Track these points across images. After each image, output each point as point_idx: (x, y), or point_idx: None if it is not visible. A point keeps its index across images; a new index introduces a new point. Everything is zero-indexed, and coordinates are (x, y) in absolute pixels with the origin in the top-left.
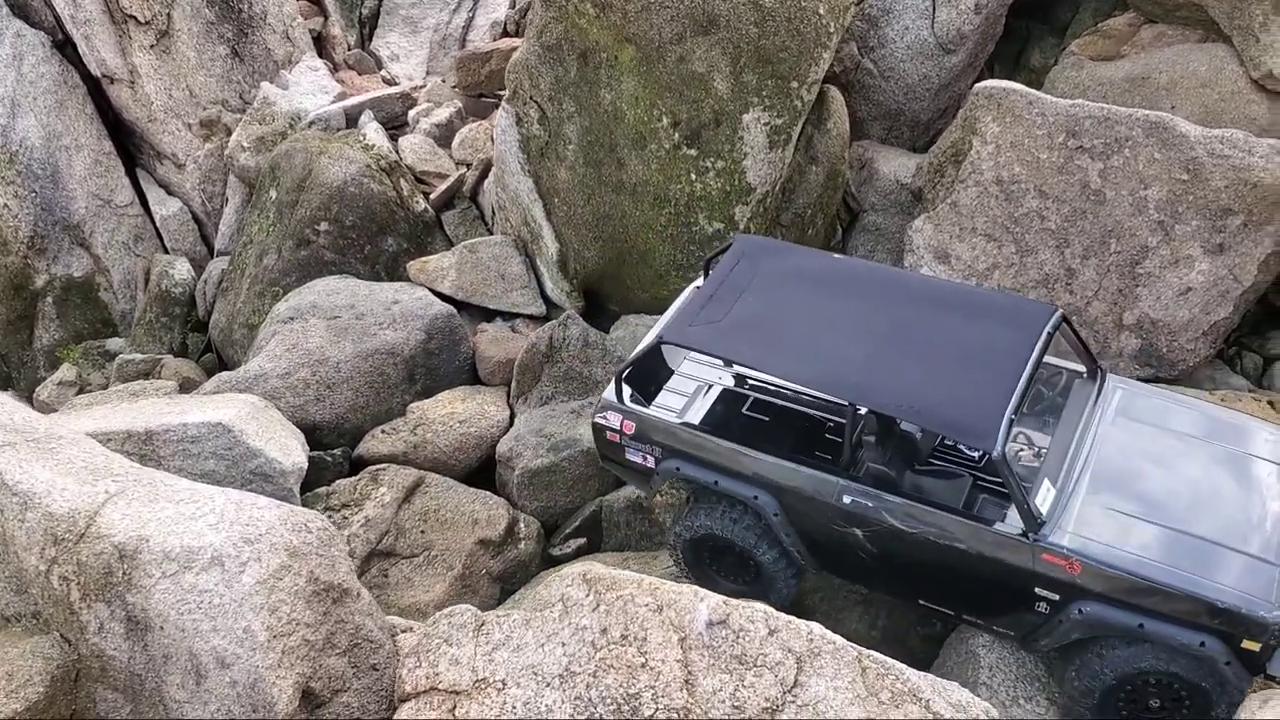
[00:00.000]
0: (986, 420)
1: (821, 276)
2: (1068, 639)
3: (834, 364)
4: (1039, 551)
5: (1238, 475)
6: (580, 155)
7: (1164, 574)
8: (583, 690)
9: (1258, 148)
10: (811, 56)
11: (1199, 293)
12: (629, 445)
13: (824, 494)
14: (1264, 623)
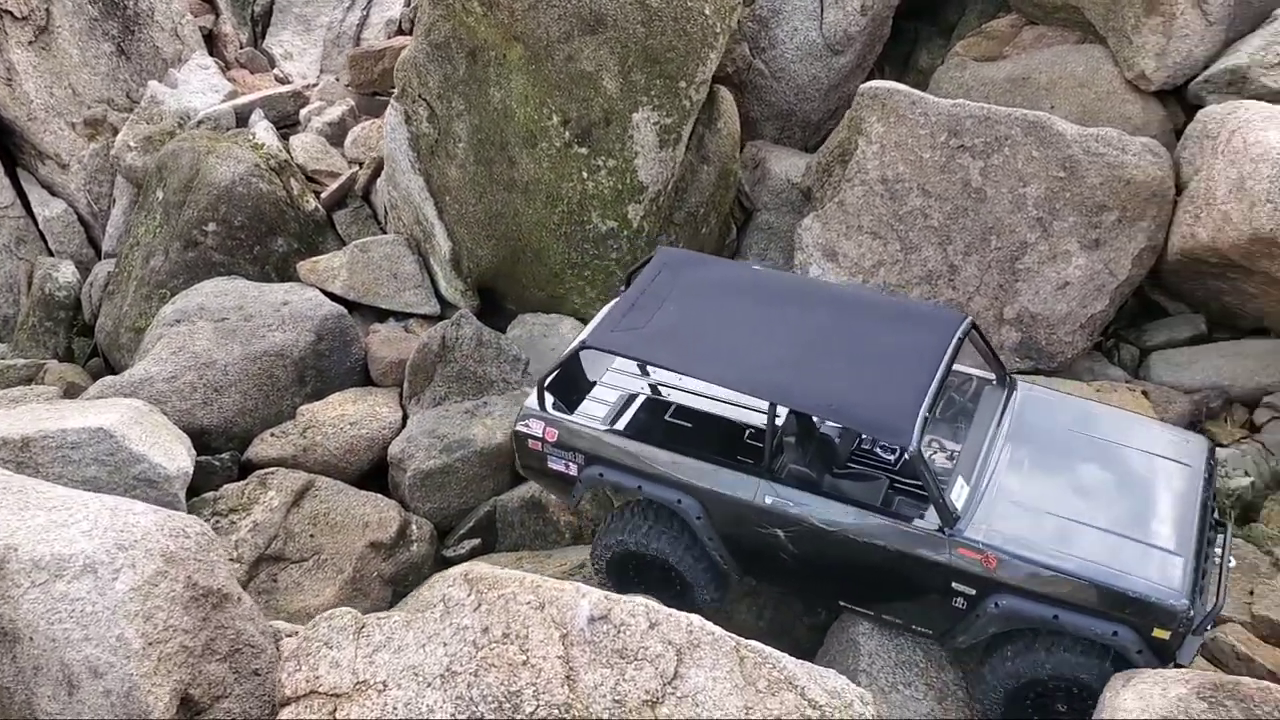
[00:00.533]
0: (902, 418)
1: (742, 286)
2: (984, 634)
3: (755, 366)
4: (955, 546)
5: (1142, 473)
6: (471, 153)
7: (1076, 566)
8: (464, 690)
9: (1131, 146)
10: (699, 56)
11: (1076, 287)
12: (551, 453)
13: (746, 495)
14: (1173, 611)
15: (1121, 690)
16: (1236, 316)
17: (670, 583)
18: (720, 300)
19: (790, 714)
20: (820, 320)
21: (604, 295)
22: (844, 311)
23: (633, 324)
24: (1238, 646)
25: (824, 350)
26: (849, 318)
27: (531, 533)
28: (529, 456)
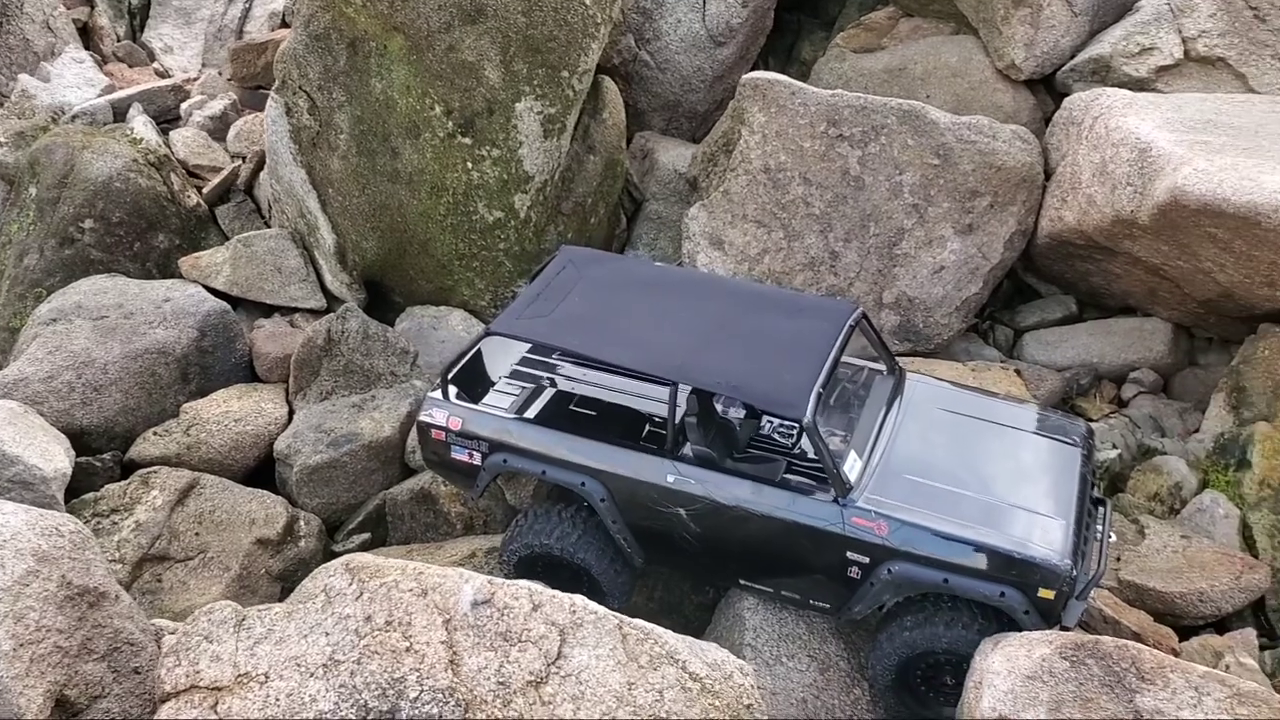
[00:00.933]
0: (796, 392)
1: (644, 281)
2: (879, 601)
3: (657, 349)
4: (849, 515)
5: (1026, 451)
6: (353, 145)
7: (965, 530)
8: (347, 678)
9: (1001, 133)
10: (580, 46)
11: (951, 270)
12: (455, 443)
13: (649, 476)
14: (1056, 571)
15: (991, 653)
16: (1104, 296)
17: (580, 582)
18: (623, 293)
19: (671, 687)
20: (719, 310)
21: (493, 286)
22: (742, 302)
23: (538, 312)
24: (1105, 610)
25: (722, 336)
26: (746, 308)
27: (423, 525)
28: (432, 447)
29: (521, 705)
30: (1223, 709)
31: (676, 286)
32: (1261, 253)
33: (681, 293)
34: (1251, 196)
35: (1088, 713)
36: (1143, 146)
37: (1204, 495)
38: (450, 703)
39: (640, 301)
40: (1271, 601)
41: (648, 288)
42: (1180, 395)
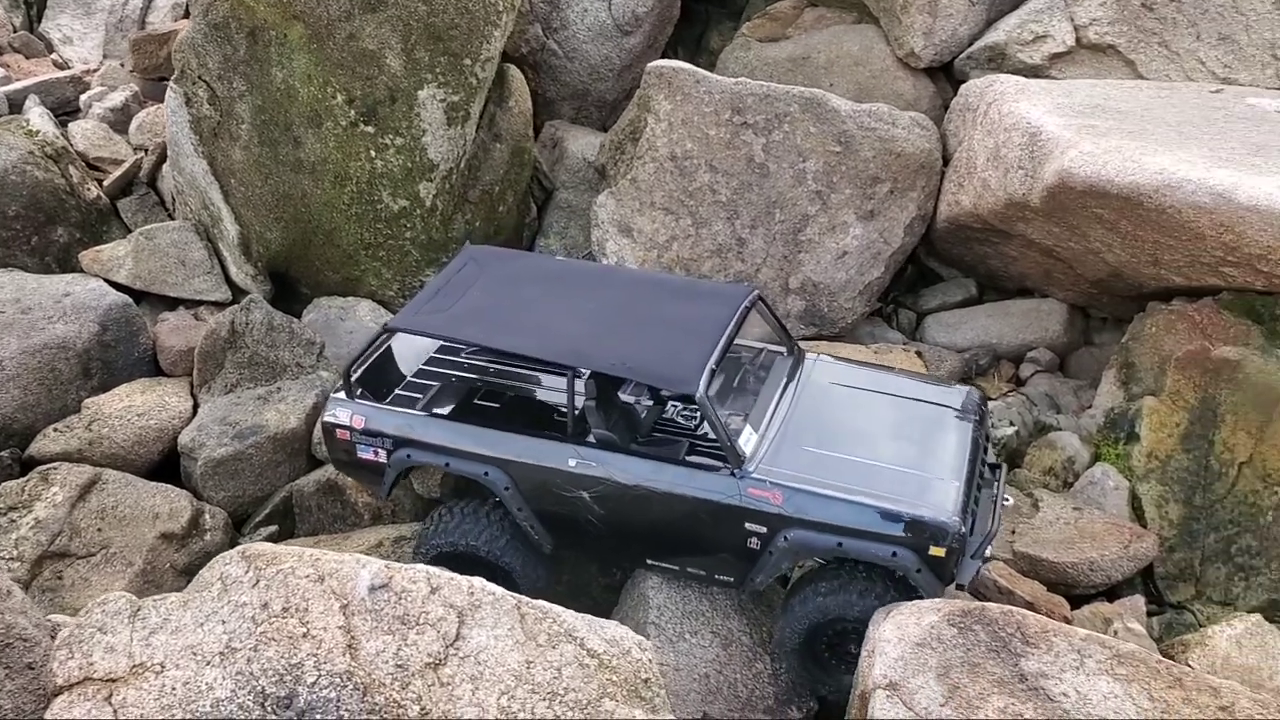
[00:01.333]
0: (688, 369)
1: (546, 274)
2: (779, 571)
3: (554, 337)
4: (745, 486)
5: (920, 420)
6: (255, 135)
7: (856, 494)
8: (244, 665)
9: (900, 120)
10: (482, 34)
11: (854, 256)
12: (360, 442)
13: (551, 461)
14: (946, 528)
15: (883, 622)
16: (1002, 279)
17: (497, 579)
18: (524, 287)
19: (569, 663)
20: (619, 299)
21: (400, 276)
22: (642, 291)
23: (437, 307)
24: (999, 581)
25: (621, 323)
26: (646, 296)
27: (330, 516)
28: (338, 447)
29: (420, 687)
30: (1103, 669)
31: (578, 279)
32: (1145, 232)
33: (583, 284)
34: (1134, 178)
35: (975, 677)
36: (1033, 131)
37: (1095, 468)
38: (348, 686)
39: (541, 294)
40: (1159, 569)
41: (550, 281)
42: (1076, 373)
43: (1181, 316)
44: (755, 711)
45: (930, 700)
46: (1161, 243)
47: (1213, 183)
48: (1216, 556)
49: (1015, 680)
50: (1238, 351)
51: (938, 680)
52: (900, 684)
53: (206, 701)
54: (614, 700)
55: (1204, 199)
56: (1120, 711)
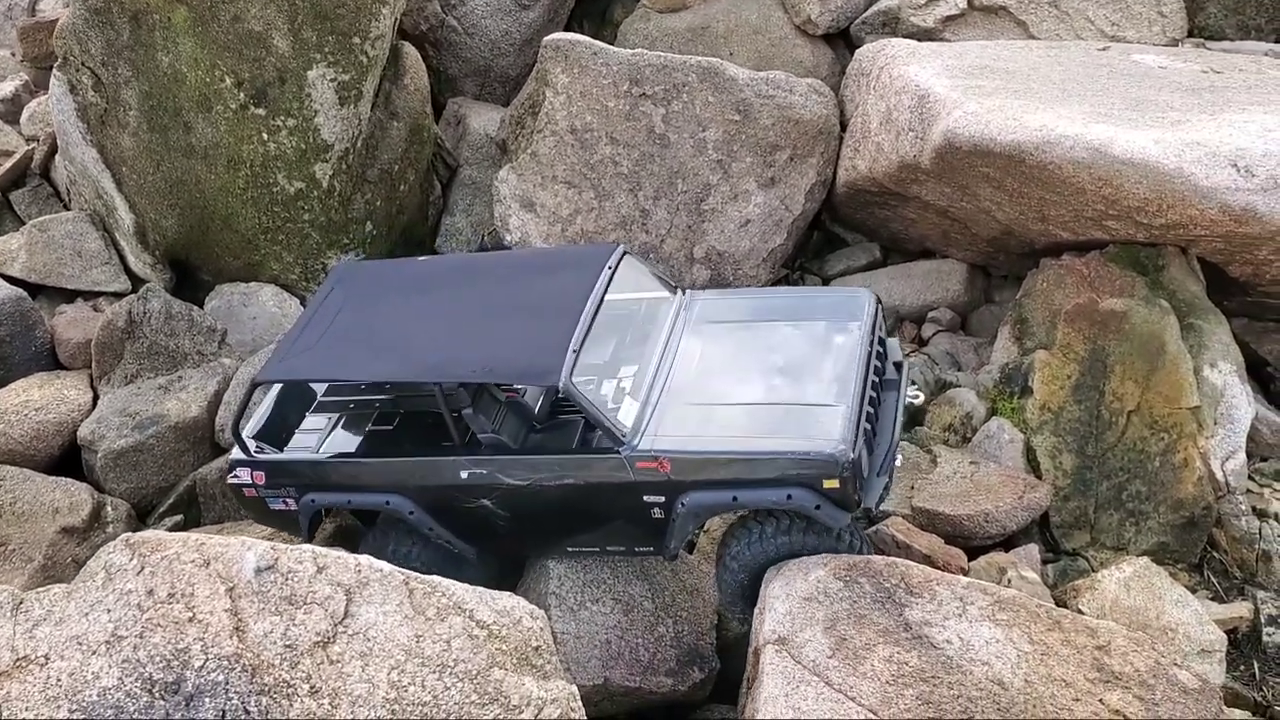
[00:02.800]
0: (550, 358)
1: (409, 281)
2: (686, 534)
3: (417, 354)
4: (633, 461)
5: (804, 343)
6: (143, 121)
7: (737, 444)
8: (130, 652)
9: (798, 87)
10: (370, 12)
11: (756, 223)
12: (267, 495)
13: (446, 477)
14: (833, 458)
15: (772, 580)
16: (904, 241)
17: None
18: (386, 301)
19: (458, 635)
20: (480, 292)
21: (302, 259)
22: (503, 276)
23: (306, 344)
24: (897, 536)
25: (481, 319)
26: (507, 281)
27: (235, 504)
28: (249, 505)
29: (309, 665)
30: (984, 615)
31: (443, 279)
32: (1031, 189)
33: (447, 284)
34: (1015, 136)
35: (861, 628)
36: (921, 93)
37: (991, 423)
38: (236, 668)
39: (404, 306)
40: (1055, 518)
41: (414, 289)
42: (977, 331)
43: (1070, 270)
44: (657, 675)
45: (818, 653)
46: (1046, 199)
47: (1090, 138)
48: (1109, 503)
49: (900, 629)
50: (1124, 303)
51: (825, 633)
52: (789, 638)
53: (93, 691)
54: (503, 669)
55: (1082, 154)
56: (1001, 656)
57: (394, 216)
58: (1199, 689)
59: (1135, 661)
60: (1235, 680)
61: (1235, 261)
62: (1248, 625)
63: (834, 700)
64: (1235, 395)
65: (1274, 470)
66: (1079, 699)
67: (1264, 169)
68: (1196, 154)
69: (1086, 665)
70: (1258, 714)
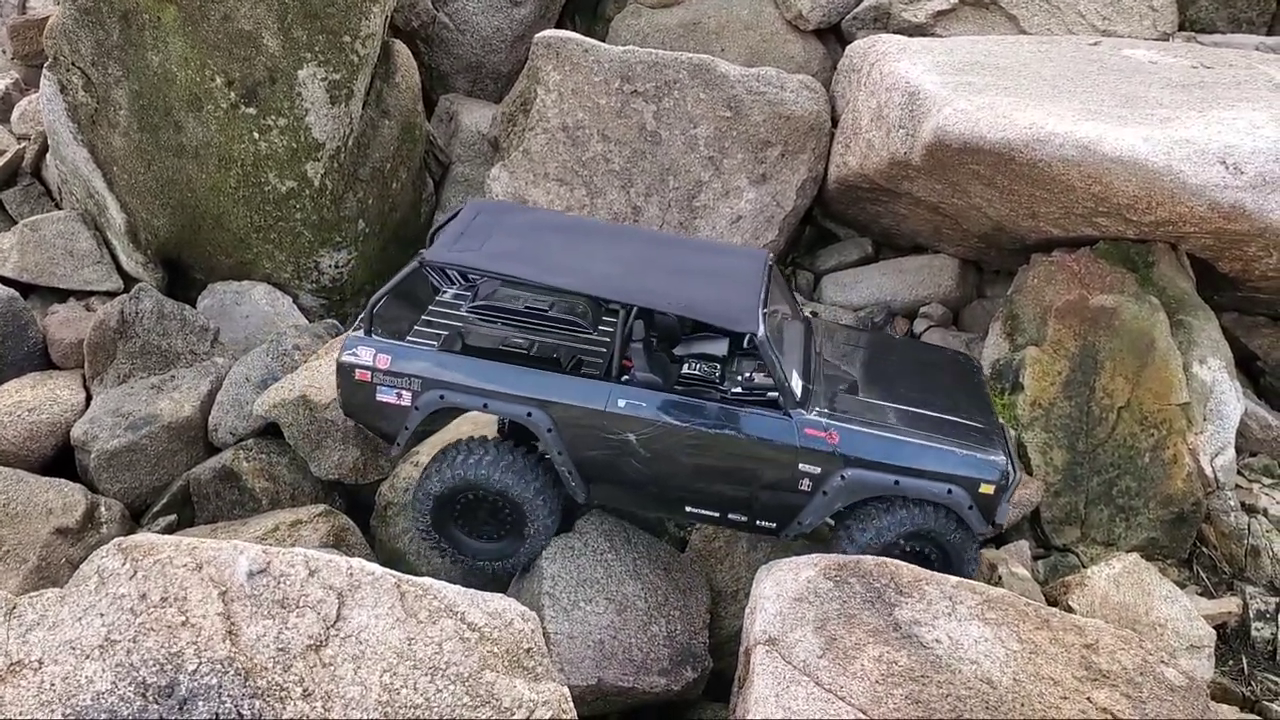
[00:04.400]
0: (746, 310)
1: (562, 225)
2: (831, 510)
3: (604, 276)
4: (801, 426)
5: (932, 372)
6: (134, 120)
7: (911, 435)
8: (123, 657)
9: (789, 83)
10: (361, 10)
11: (749, 220)
12: (381, 384)
13: (597, 403)
14: (998, 466)
15: (764, 579)
16: (896, 237)
17: (501, 522)
18: (544, 234)
19: (450, 638)
20: (643, 248)
21: (294, 258)
22: (661, 243)
23: (467, 247)
24: None
25: (657, 268)
26: (667, 248)
27: (228, 503)
28: (354, 390)
29: (302, 669)
30: (974, 614)
31: (594, 231)
32: (1021, 186)
33: (601, 235)
34: (1005, 134)
35: (851, 628)
36: (912, 90)
37: None
38: (229, 672)
39: (564, 241)
40: (1046, 513)
41: (567, 231)
42: (969, 326)
43: (1061, 267)
44: (650, 674)
45: (808, 653)
46: (1037, 196)
47: (1079, 135)
48: (1099, 499)
49: (890, 629)
50: (1114, 299)
51: (815, 633)
52: (779, 638)
53: (87, 695)
54: (495, 671)
55: (1071, 152)
56: (990, 654)
57: (386, 214)
58: (1186, 686)
59: (1123, 660)
60: (1224, 675)
61: (1224, 258)
62: (1236, 620)
63: (824, 700)
64: (1224, 391)
65: (1263, 466)
66: (1067, 697)
67: (1252, 166)
68: (1185, 151)
69: (1075, 663)
70: (1246, 708)
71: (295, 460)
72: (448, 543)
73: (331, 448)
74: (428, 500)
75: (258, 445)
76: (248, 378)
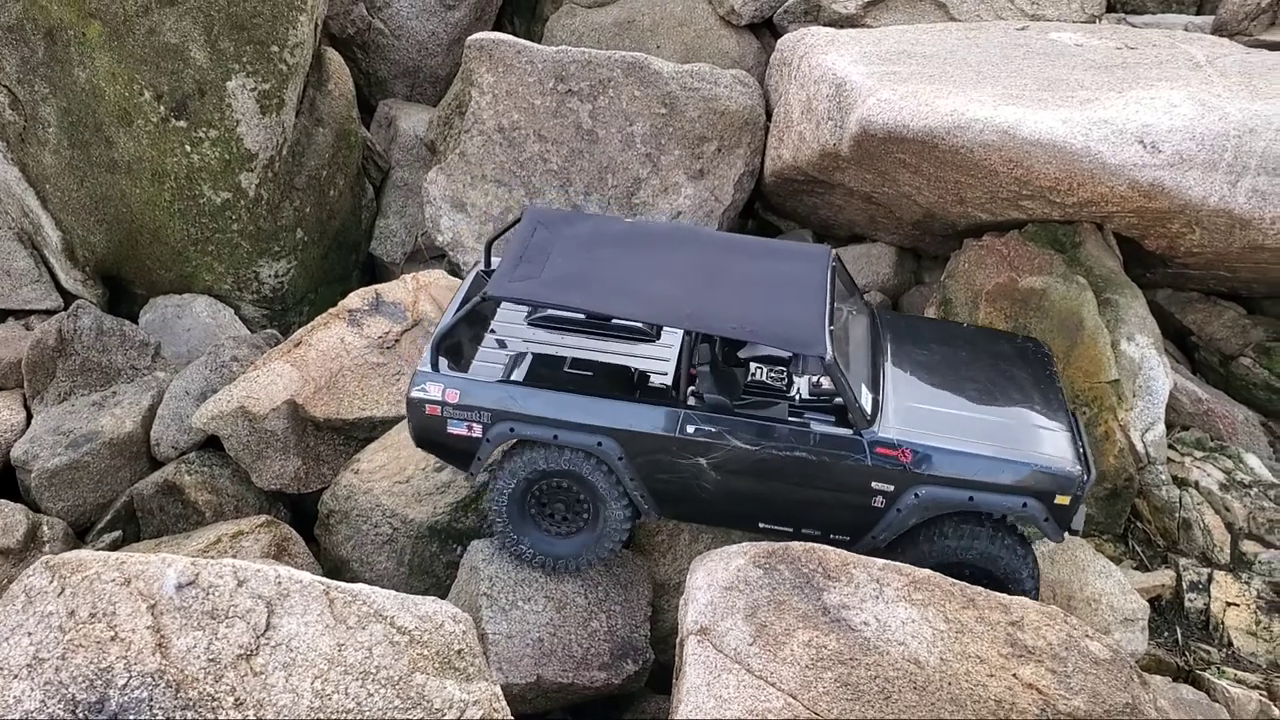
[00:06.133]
0: (812, 331)
1: (619, 236)
2: (905, 526)
3: (662, 301)
4: (873, 445)
5: (1001, 370)
6: (64, 137)
7: (984, 449)
8: (52, 675)
9: (722, 79)
10: (287, 20)
11: (688, 215)
12: (452, 417)
13: (667, 428)
14: (1072, 477)
15: (697, 570)
16: (834, 227)
17: (579, 514)
18: (602, 249)
19: (379, 643)
20: (702, 258)
21: (234, 269)
22: (722, 249)
23: (527, 274)
24: None
25: (718, 283)
26: (726, 254)
27: (173, 517)
28: (426, 425)
29: (233, 679)
30: (900, 596)
31: (652, 239)
32: (946, 173)
33: (660, 244)
34: (927, 121)
35: (781, 614)
36: (839, 81)
37: None
38: (160, 685)
39: (623, 256)
40: None
41: (625, 242)
42: (908, 312)
43: (990, 250)
44: (590, 669)
45: (739, 641)
46: (962, 182)
47: (999, 120)
48: None
49: (819, 614)
50: (1042, 280)
51: (746, 621)
52: (710, 628)
53: (15, 715)
54: (425, 674)
55: (992, 137)
56: (918, 635)
57: (325, 222)
58: (1110, 659)
59: (1047, 635)
60: (1159, 647)
61: (1150, 235)
62: (1170, 592)
63: (755, 687)
64: (1153, 367)
65: (1194, 439)
66: (993, 674)
67: (1169, 144)
68: (1103, 132)
69: (1000, 641)
70: (1181, 678)
71: (238, 472)
72: (520, 534)
73: (273, 458)
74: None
75: (200, 458)
76: (187, 391)
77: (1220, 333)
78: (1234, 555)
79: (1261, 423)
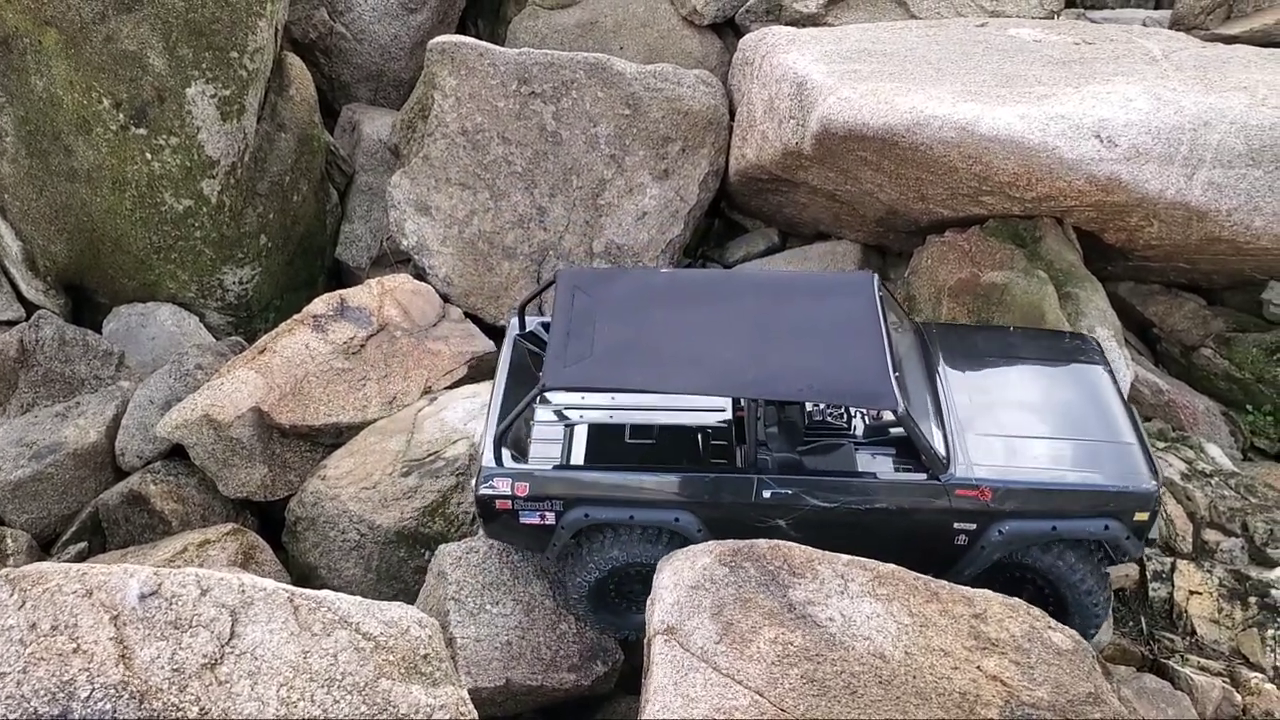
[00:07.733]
0: (879, 383)
1: (658, 293)
2: (989, 562)
3: (720, 367)
4: (953, 489)
5: (1058, 380)
6: (21, 146)
7: (1061, 477)
8: (14, 689)
9: (685, 79)
10: (246, 25)
11: (653, 215)
12: (523, 509)
13: (742, 495)
14: (1149, 494)
15: (663, 570)
16: (800, 225)
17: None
18: (649, 310)
19: (345, 649)
20: (748, 308)
21: (197, 276)
22: (767, 295)
23: (580, 353)
24: None
25: (770, 336)
26: (772, 300)
27: (139, 527)
28: (497, 519)
29: (198, 688)
30: (865, 591)
31: (695, 291)
32: (908, 170)
33: (703, 296)
34: (886, 119)
35: (747, 612)
36: (800, 80)
37: None
38: (124, 696)
39: (670, 317)
40: None
41: (668, 300)
42: None
43: (952, 246)
44: (560, 671)
45: (706, 639)
46: (923, 178)
47: (958, 117)
48: None
49: (784, 611)
50: (1004, 275)
51: (712, 619)
52: (677, 627)
53: None
54: (390, 679)
55: (950, 134)
56: (883, 630)
57: (289, 228)
58: (1072, 649)
59: (1010, 627)
60: (1124, 636)
61: (1109, 229)
62: (1134, 583)
63: (721, 685)
64: (1114, 360)
65: (1157, 430)
66: (958, 667)
67: (1126, 139)
68: (1060, 127)
69: (964, 634)
70: (1146, 667)
71: (204, 480)
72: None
73: (239, 466)
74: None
75: (165, 467)
76: (152, 400)
77: (1181, 324)
78: (1196, 544)
79: (1223, 412)
